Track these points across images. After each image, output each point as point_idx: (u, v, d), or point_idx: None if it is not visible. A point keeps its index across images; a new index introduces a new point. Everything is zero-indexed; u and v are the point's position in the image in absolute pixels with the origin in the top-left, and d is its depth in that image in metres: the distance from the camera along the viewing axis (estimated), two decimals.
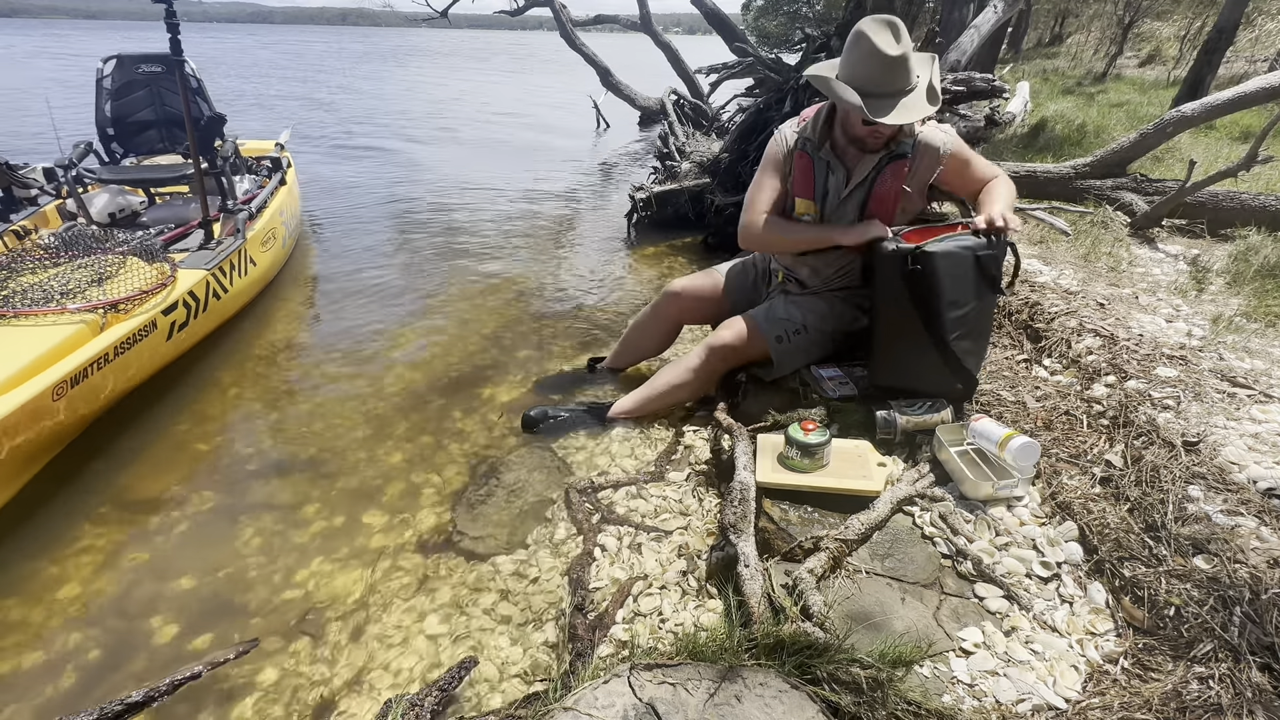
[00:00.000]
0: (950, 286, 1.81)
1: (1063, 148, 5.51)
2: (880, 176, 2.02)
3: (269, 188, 4.03)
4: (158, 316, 2.57)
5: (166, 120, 4.31)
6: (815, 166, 2.09)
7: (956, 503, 1.70)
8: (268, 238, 3.63)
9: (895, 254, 1.85)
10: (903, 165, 2.00)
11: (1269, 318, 2.47)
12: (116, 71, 4.15)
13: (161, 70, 4.22)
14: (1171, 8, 14.94)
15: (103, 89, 4.13)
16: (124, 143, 4.22)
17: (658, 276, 4.25)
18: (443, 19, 10.44)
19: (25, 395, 1.99)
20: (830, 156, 2.06)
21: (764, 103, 4.75)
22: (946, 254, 1.80)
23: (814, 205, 2.12)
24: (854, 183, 2.05)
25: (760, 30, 20.85)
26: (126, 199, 3.62)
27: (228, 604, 1.75)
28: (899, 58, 1.80)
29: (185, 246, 3.14)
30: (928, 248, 1.79)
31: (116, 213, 3.54)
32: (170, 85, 4.26)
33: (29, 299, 2.38)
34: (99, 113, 4.12)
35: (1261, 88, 3.62)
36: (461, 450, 2.39)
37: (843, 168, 2.06)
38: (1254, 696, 1.14)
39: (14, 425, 1.95)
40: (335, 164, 7.55)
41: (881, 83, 1.84)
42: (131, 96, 4.20)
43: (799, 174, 2.13)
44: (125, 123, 4.21)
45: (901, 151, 2.00)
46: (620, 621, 1.60)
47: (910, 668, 1.26)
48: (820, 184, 2.09)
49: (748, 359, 2.32)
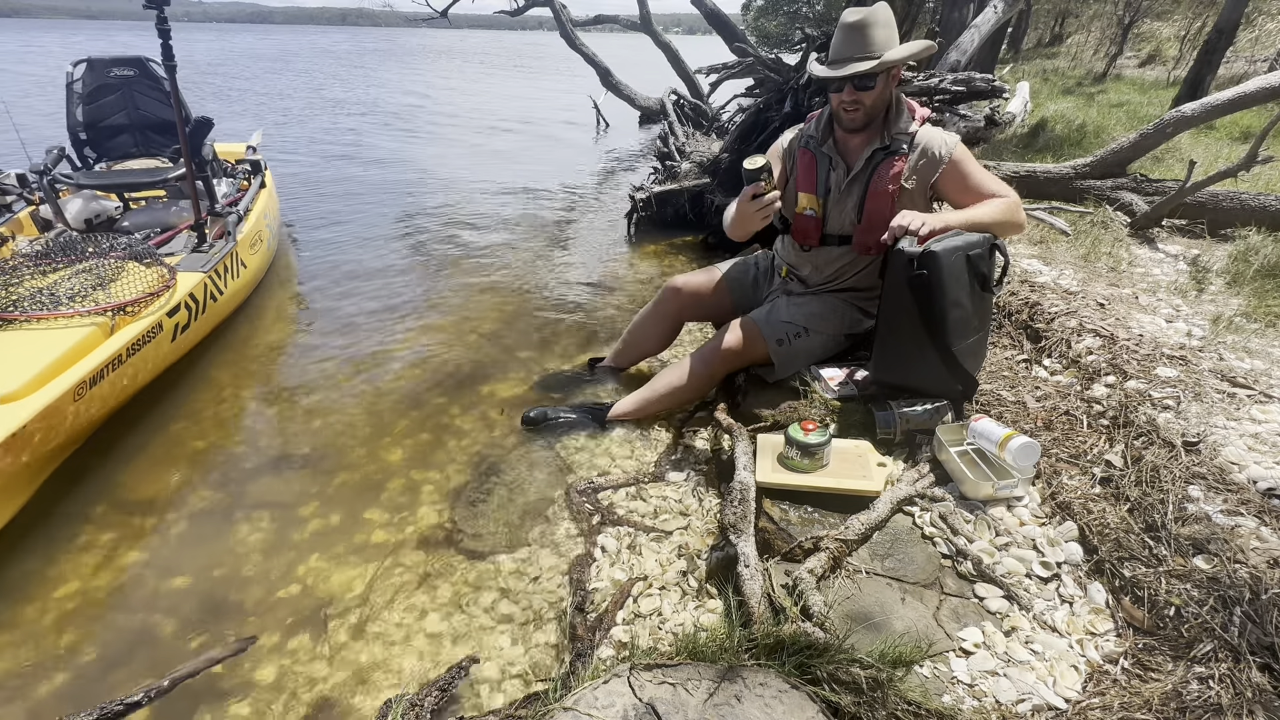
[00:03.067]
0: (952, 286, 1.81)
1: (1063, 148, 5.51)
2: (876, 172, 2.04)
3: (251, 190, 4.00)
4: (163, 318, 2.59)
5: (141, 125, 4.21)
6: (818, 162, 2.14)
7: (956, 503, 1.70)
8: (255, 240, 3.63)
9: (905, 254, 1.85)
10: (898, 161, 2.01)
11: (1269, 318, 2.47)
12: (87, 75, 4.06)
13: (134, 74, 4.13)
14: (1171, 8, 14.96)
15: (73, 93, 4.03)
16: (97, 147, 4.13)
17: (658, 276, 4.25)
18: (443, 19, 10.44)
19: (50, 396, 2.01)
20: (833, 152, 2.12)
21: (764, 103, 4.75)
22: (950, 251, 1.80)
23: (817, 200, 2.16)
24: (851, 174, 2.08)
25: (760, 30, 20.82)
26: (101, 204, 3.58)
27: (226, 602, 1.75)
28: (855, 23, 1.93)
29: (170, 250, 3.11)
30: (933, 247, 1.79)
31: (92, 218, 3.50)
32: (143, 89, 4.18)
33: (38, 303, 2.39)
34: (70, 117, 4.02)
35: (1261, 88, 3.62)
36: (461, 448, 2.39)
37: (844, 163, 2.10)
38: (1254, 696, 1.14)
39: (40, 426, 1.97)
40: (335, 163, 7.54)
41: (838, 49, 1.97)
42: (104, 101, 4.11)
43: (802, 169, 2.18)
44: (98, 127, 4.11)
45: (895, 148, 2.02)
46: (620, 622, 1.60)
47: (910, 668, 1.26)
48: (822, 179, 2.14)
49: (749, 361, 2.32)
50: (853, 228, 2.13)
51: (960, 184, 2.00)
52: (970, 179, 2.00)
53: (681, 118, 7.74)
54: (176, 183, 3.71)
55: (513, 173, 7.29)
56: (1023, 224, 1.99)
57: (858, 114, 2.00)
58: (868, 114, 2.01)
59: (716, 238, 4.77)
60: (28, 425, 1.91)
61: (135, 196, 3.92)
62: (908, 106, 2.06)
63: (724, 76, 6.04)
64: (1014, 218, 1.95)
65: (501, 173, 7.30)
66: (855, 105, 1.99)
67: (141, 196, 3.96)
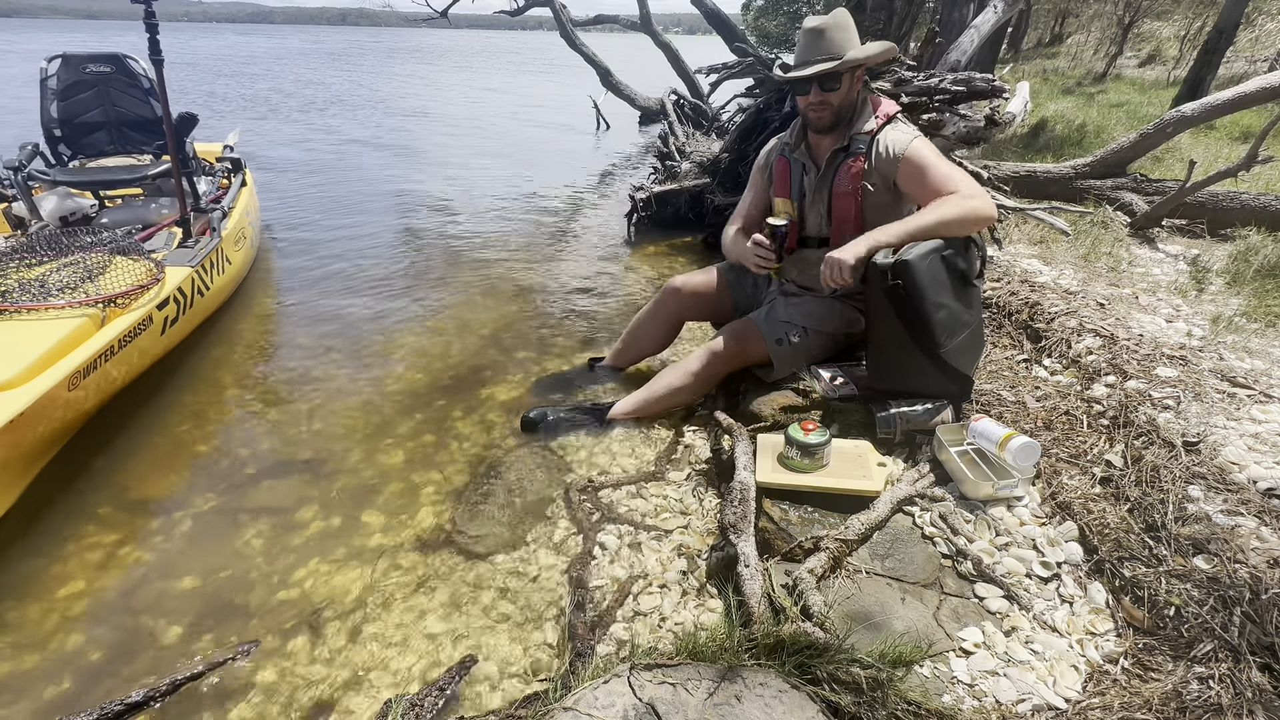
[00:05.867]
0: (932, 289, 1.81)
1: (1063, 148, 5.51)
2: (838, 174, 2.08)
3: (233, 188, 3.98)
4: (153, 311, 2.60)
5: (118, 122, 4.14)
6: (791, 168, 2.21)
7: (956, 503, 1.70)
8: (239, 237, 3.63)
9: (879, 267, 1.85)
10: (857, 162, 2.04)
11: (1269, 318, 2.47)
12: (62, 71, 3.99)
13: (111, 70, 4.06)
14: (1171, 8, 14.95)
15: (47, 89, 3.96)
16: (71, 144, 4.06)
17: (657, 276, 4.25)
18: (442, 19, 10.44)
19: (46, 384, 2.03)
20: (805, 157, 2.18)
21: (764, 103, 4.75)
22: (923, 256, 1.79)
23: (791, 204, 2.22)
24: (819, 175, 2.13)
25: (760, 30, 20.82)
26: (76, 202, 3.55)
27: (228, 604, 1.75)
28: (816, 28, 1.99)
29: (152, 248, 3.09)
30: (905, 256, 1.79)
31: (68, 216, 3.47)
32: (120, 86, 4.10)
33: (29, 294, 2.40)
34: (44, 114, 3.96)
35: (1261, 88, 3.62)
36: (461, 450, 2.39)
37: (815, 167, 2.16)
38: (1254, 696, 1.14)
39: (36, 413, 1.99)
40: (334, 164, 7.54)
41: (804, 52, 2.02)
42: (79, 97, 4.03)
43: (778, 176, 2.25)
44: (73, 124, 4.04)
45: (855, 149, 2.05)
46: (620, 621, 1.60)
47: (910, 668, 1.26)
48: (796, 183, 2.21)
49: (748, 362, 2.33)
50: (828, 230, 2.17)
51: (918, 181, 1.96)
52: (927, 175, 1.93)
53: (681, 118, 7.74)
54: (155, 180, 3.68)
55: (512, 173, 7.29)
56: (982, 217, 1.84)
57: (825, 114, 2.04)
58: (835, 114, 2.05)
59: (716, 238, 4.75)
60: (26, 412, 1.92)
61: (112, 195, 3.88)
62: (872, 106, 2.09)
63: (724, 76, 6.04)
64: (966, 214, 1.82)
65: (501, 173, 7.30)
66: (823, 105, 2.03)
67: (118, 194, 3.92)
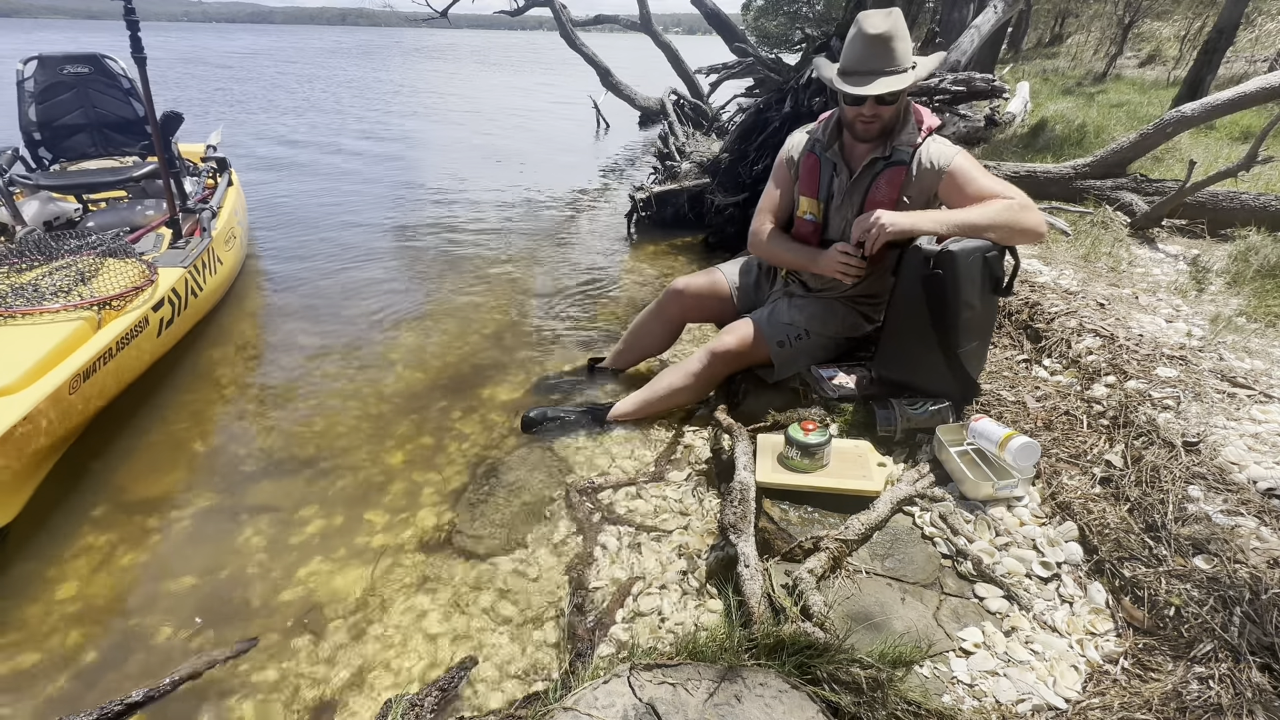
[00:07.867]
0: (966, 287, 1.81)
1: (1063, 148, 5.50)
2: (875, 182, 2.01)
3: (220, 188, 3.95)
4: (149, 313, 2.59)
5: (99, 123, 4.07)
6: (822, 166, 2.12)
7: (956, 503, 1.70)
8: (229, 237, 3.61)
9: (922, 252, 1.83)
10: (899, 173, 1.98)
11: (1269, 318, 2.46)
12: (39, 73, 3.91)
13: (89, 71, 3.99)
14: (1171, 8, 14.94)
15: (25, 91, 3.89)
16: (52, 148, 3.99)
17: (658, 276, 4.25)
18: (442, 19, 10.44)
19: (48, 388, 2.01)
20: (837, 158, 2.09)
21: (764, 103, 4.75)
22: (968, 252, 1.79)
23: (818, 204, 2.14)
24: (852, 180, 2.05)
25: (760, 30, 20.81)
26: (59, 206, 3.51)
27: (227, 603, 1.75)
28: (878, 36, 1.84)
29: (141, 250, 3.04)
30: (951, 247, 1.78)
31: (51, 220, 3.42)
32: (100, 87, 4.03)
33: (23, 298, 2.38)
34: (23, 117, 3.88)
35: (1261, 88, 3.62)
36: (461, 450, 2.39)
37: (847, 170, 2.07)
38: (1254, 696, 1.14)
39: (39, 417, 1.97)
40: (332, 163, 7.54)
41: (861, 60, 1.88)
42: (58, 99, 3.95)
43: (805, 173, 2.15)
44: (52, 127, 3.96)
45: (898, 159, 1.98)
46: (620, 621, 1.60)
47: (910, 668, 1.26)
48: (825, 184, 2.11)
49: (750, 363, 2.32)
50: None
51: (960, 192, 1.93)
52: (970, 186, 1.91)
53: (681, 118, 7.75)
54: (140, 182, 3.65)
55: (512, 173, 7.30)
56: (1031, 230, 1.82)
57: (875, 126, 1.95)
58: (885, 127, 1.96)
59: (716, 238, 4.77)
60: (28, 416, 1.91)
61: (95, 198, 3.81)
62: (915, 117, 2.00)
63: (724, 76, 6.06)
64: (1016, 223, 1.80)
65: (501, 173, 7.30)
66: (875, 119, 1.93)
67: (102, 198, 3.86)
